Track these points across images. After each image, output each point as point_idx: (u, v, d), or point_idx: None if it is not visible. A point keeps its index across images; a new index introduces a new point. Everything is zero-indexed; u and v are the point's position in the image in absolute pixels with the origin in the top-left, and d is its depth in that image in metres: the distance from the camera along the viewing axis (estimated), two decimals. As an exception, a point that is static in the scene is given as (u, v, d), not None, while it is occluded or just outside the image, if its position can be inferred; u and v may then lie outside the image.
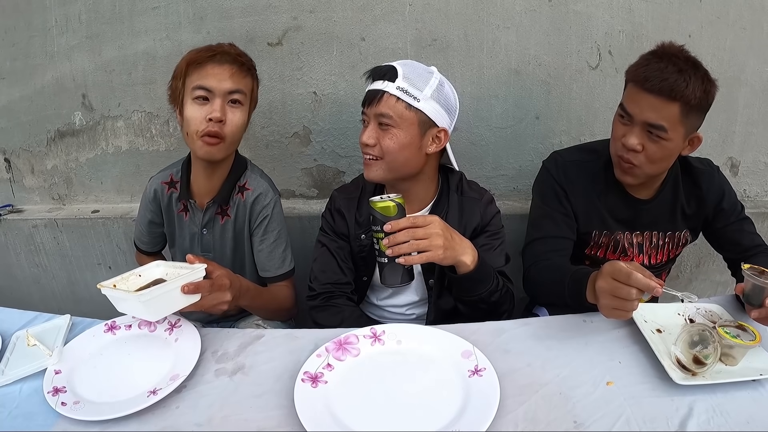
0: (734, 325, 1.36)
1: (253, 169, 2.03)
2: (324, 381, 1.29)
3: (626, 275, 1.27)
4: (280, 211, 2.03)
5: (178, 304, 1.43)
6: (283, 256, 2.01)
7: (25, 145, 2.83)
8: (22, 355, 1.45)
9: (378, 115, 1.69)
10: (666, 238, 1.97)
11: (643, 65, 1.67)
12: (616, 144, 1.77)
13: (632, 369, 1.30)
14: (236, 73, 1.79)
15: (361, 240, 1.89)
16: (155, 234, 2.16)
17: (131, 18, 2.51)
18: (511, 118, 2.52)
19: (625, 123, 1.73)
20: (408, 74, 1.70)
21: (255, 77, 1.91)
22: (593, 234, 1.95)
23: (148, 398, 1.25)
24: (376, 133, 1.72)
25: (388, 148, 1.71)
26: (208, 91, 1.76)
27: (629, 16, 2.35)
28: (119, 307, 1.45)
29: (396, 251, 1.47)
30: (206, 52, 1.78)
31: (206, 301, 1.49)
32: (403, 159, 1.74)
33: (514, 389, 1.24)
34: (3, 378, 1.37)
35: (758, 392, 1.22)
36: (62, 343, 1.49)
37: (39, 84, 2.69)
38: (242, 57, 1.83)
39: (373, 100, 1.70)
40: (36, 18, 2.59)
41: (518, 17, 2.37)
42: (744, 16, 2.35)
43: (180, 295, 1.42)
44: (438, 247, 1.48)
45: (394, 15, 2.39)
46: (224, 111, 1.78)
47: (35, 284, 3.04)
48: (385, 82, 1.69)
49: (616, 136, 1.76)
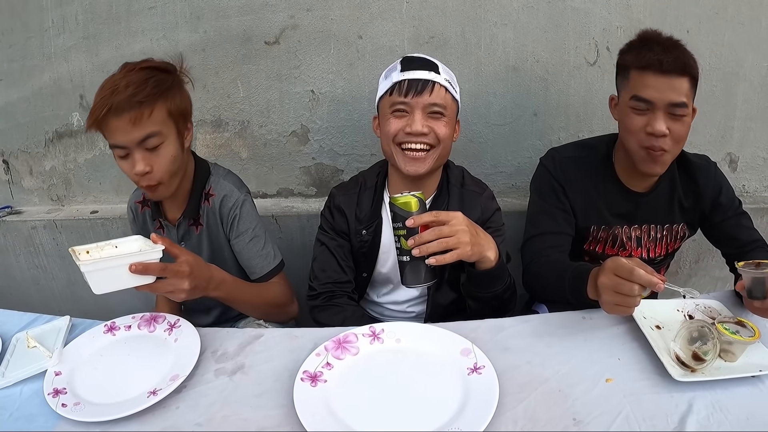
0: (733, 321, 1.36)
1: (217, 172, 1.96)
2: (323, 380, 1.29)
3: (628, 271, 1.26)
4: (251, 208, 1.95)
5: (126, 282, 1.38)
6: (264, 253, 1.94)
7: (24, 146, 2.83)
8: (22, 357, 1.45)
9: (430, 104, 1.69)
10: (664, 230, 1.97)
11: (644, 50, 1.68)
12: (638, 136, 1.73)
13: (632, 366, 1.31)
14: (138, 117, 1.61)
15: (362, 236, 1.88)
16: None
17: (128, 18, 2.51)
18: (509, 115, 2.52)
19: (643, 112, 1.70)
20: (446, 69, 1.77)
21: (169, 92, 1.71)
22: (591, 229, 1.96)
23: (148, 399, 1.25)
24: (427, 120, 1.71)
25: (443, 135, 1.72)
26: (122, 147, 1.66)
27: (627, 12, 2.34)
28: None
29: (424, 250, 1.43)
30: (101, 106, 1.60)
31: (160, 286, 1.45)
32: (449, 148, 1.79)
33: (513, 387, 1.24)
34: (3, 380, 1.37)
35: (758, 388, 1.22)
36: (62, 344, 1.49)
37: (36, 85, 2.69)
38: (139, 92, 1.62)
39: (423, 90, 1.69)
40: (33, 19, 2.59)
41: (516, 14, 2.36)
42: (742, 12, 2.35)
43: (128, 273, 1.37)
44: (466, 243, 1.45)
45: (391, 12, 2.38)
46: (147, 160, 1.67)
47: (35, 285, 3.04)
48: (431, 72, 1.70)
49: (636, 129, 1.73)
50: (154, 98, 1.64)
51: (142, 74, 1.66)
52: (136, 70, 1.68)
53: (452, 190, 1.86)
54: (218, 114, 2.62)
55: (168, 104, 1.69)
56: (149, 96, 1.63)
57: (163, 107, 1.68)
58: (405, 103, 1.70)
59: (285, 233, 2.64)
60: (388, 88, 1.74)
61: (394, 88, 1.72)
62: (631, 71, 1.72)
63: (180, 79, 1.80)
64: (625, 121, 1.78)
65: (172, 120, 1.72)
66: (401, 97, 1.70)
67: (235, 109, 2.60)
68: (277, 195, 2.77)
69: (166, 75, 1.73)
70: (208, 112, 2.61)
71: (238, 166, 2.65)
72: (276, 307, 1.92)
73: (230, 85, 2.56)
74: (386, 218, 1.88)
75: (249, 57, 2.50)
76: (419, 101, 1.69)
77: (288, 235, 2.63)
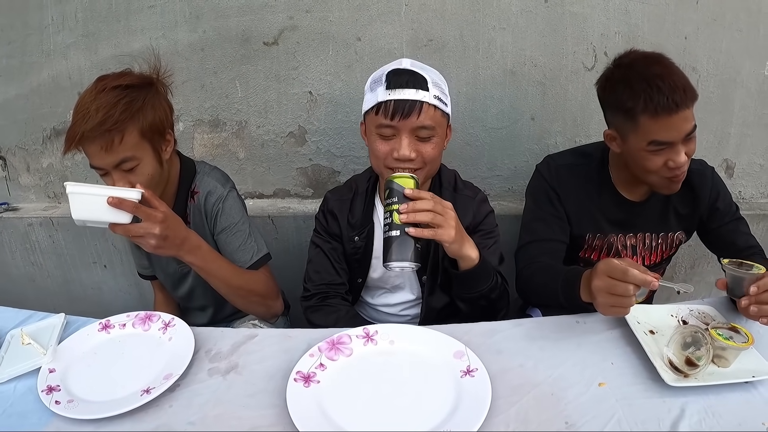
0: (727, 327, 1.36)
1: (203, 170, 1.96)
2: (316, 381, 1.29)
3: (622, 272, 1.26)
4: (234, 203, 1.93)
5: (103, 215, 1.47)
6: (246, 247, 1.91)
7: (21, 143, 2.83)
8: (16, 354, 1.46)
9: (418, 127, 1.62)
10: (659, 239, 1.97)
11: (653, 93, 1.59)
12: (660, 173, 1.70)
13: (625, 370, 1.31)
14: (109, 144, 1.61)
15: (355, 242, 1.88)
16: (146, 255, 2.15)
17: (127, 16, 2.51)
18: (506, 119, 2.53)
19: (662, 151, 1.66)
20: (434, 79, 1.66)
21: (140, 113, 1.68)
22: (587, 237, 1.96)
23: (141, 397, 1.26)
24: (414, 145, 1.64)
25: (431, 156, 1.67)
26: (100, 168, 1.69)
27: (625, 18, 2.35)
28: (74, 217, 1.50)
29: (412, 218, 1.41)
30: (73, 134, 1.62)
31: (132, 227, 1.51)
32: (439, 162, 1.76)
33: (506, 390, 1.24)
34: None
35: (750, 394, 1.22)
36: (56, 341, 1.49)
37: (35, 82, 2.70)
38: (108, 119, 1.60)
39: (410, 113, 1.59)
40: (32, 16, 2.59)
41: (514, 18, 2.37)
42: (740, 19, 2.36)
43: (106, 207, 1.46)
44: (451, 227, 1.46)
45: (390, 15, 2.39)
46: (125, 180, 1.68)
47: (30, 283, 3.04)
48: (419, 91, 1.60)
49: (656, 168, 1.69)
50: (123, 123, 1.62)
51: (113, 96, 1.64)
52: (107, 90, 1.65)
53: (444, 194, 1.83)
54: (216, 114, 2.62)
55: (140, 125, 1.67)
56: (118, 122, 1.61)
57: (134, 130, 1.66)
58: (391, 126, 1.62)
59: (281, 234, 2.64)
60: (373, 106, 1.65)
61: (380, 108, 1.63)
62: (640, 117, 1.63)
63: (156, 91, 1.77)
64: (642, 163, 1.71)
65: (146, 140, 1.70)
66: (387, 119, 1.61)
67: (233, 109, 2.61)
68: (274, 195, 2.77)
69: (138, 92, 1.69)
70: (206, 112, 2.61)
71: (235, 166, 2.66)
72: (257, 296, 1.88)
73: (228, 85, 2.56)
74: (378, 223, 1.87)
75: (248, 57, 2.51)
76: (406, 124, 1.61)
77: (284, 235, 2.63)
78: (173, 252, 1.63)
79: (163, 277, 2.14)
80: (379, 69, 1.73)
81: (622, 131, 1.74)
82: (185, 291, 2.10)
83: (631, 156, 1.75)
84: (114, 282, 2.97)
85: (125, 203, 1.47)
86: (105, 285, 2.98)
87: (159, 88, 1.79)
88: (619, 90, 1.69)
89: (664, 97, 1.57)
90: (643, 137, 1.66)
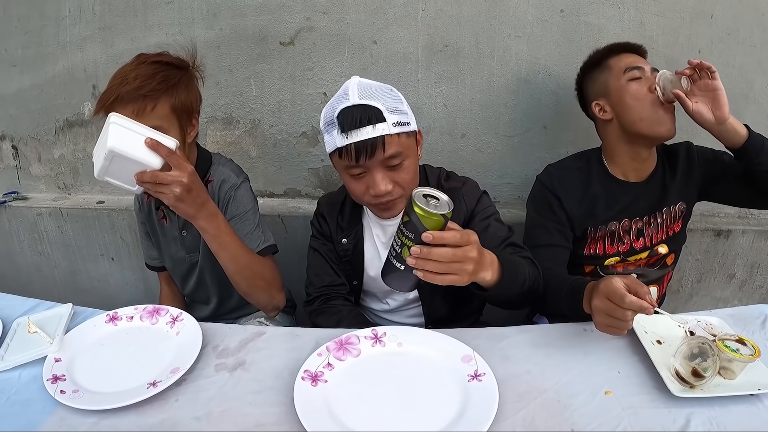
0: (734, 339, 1.35)
1: (218, 161, 1.99)
2: (324, 380, 1.29)
3: (620, 298, 1.25)
4: (246, 193, 1.95)
5: (137, 152, 1.50)
6: (253, 236, 1.90)
7: (33, 133, 2.85)
8: (22, 342, 1.47)
9: (386, 159, 1.55)
10: (663, 215, 1.99)
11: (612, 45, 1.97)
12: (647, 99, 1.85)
13: (631, 379, 1.30)
14: (141, 110, 1.68)
15: (343, 244, 1.86)
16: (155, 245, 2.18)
17: (145, 11, 2.53)
18: (518, 127, 2.53)
19: (639, 79, 1.87)
20: (388, 104, 1.55)
21: (175, 89, 1.76)
22: (588, 230, 1.98)
23: (147, 390, 1.26)
24: (388, 176, 1.58)
25: (407, 180, 1.61)
26: None
27: (640, 30, 2.35)
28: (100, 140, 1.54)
29: (422, 265, 1.23)
30: (108, 95, 1.67)
31: (161, 174, 1.53)
32: (417, 179, 1.69)
33: (512, 395, 1.24)
34: (2, 363, 1.39)
35: (756, 407, 1.22)
36: (63, 331, 1.50)
37: (50, 73, 2.72)
38: (145, 86, 1.68)
39: (374, 151, 1.52)
40: (49, 7, 2.61)
41: (530, 27, 2.37)
42: (754, 34, 2.36)
43: (142, 147, 1.50)
44: (466, 273, 1.26)
45: (406, 19, 2.39)
46: None
47: (37, 272, 3.06)
48: (377, 125, 1.51)
49: (642, 95, 1.85)
50: (158, 93, 1.70)
51: (152, 68, 1.72)
52: (147, 63, 1.73)
53: None
54: (230, 111, 2.63)
55: (172, 100, 1.74)
56: (154, 91, 1.68)
57: (167, 103, 1.73)
58: (360, 166, 1.57)
59: (290, 233, 2.65)
60: (335, 150, 1.58)
61: (342, 152, 1.55)
62: (610, 61, 1.94)
63: (191, 75, 1.85)
64: (631, 102, 1.87)
65: (175, 116, 1.76)
66: (352, 161, 1.55)
67: (247, 107, 2.62)
68: (284, 195, 2.78)
69: (175, 71, 1.78)
70: (220, 109, 2.62)
71: (247, 165, 2.66)
72: (262, 280, 1.86)
73: (243, 83, 2.58)
74: (367, 225, 1.87)
75: (263, 56, 2.52)
76: (374, 162, 1.54)
77: (293, 235, 2.64)
78: (192, 210, 1.63)
79: (170, 264, 2.14)
80: (327, 105, 1.62)
81: (604, 89, 1.94)
82: (192, 280, 2.11)
83: (622, 100, 1.89)
84: (121, 275, 2.98)
85: (161, 147, 1.52)
86: (111, 277, 3.00)
87: (193, 74, 1.87)
88: (589, 64, 2.04)
89: (621, 44, 1.96)
90: (618, 72, 1.90)
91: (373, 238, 1.85)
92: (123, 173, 1.55)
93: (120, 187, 1.61)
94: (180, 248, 2.03)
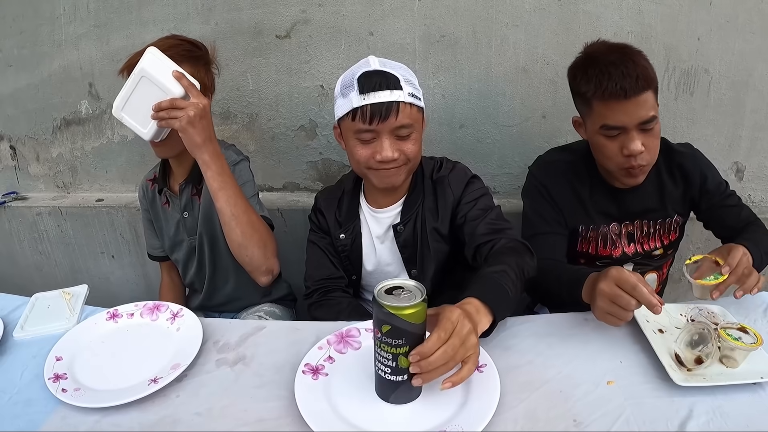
0: (736, 327, 1.35)
1: (221, 144, 1.95)
2: (325, 373, 1.29)
3: (631, 286, 1.25)
4: (245, 169, 2.00)
5: (163, 77, 1.67)
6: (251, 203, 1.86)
7: (31, 132, 2.85)
8: (40, 316, 1.58)
9: (397, 127, 1.60)
10: (657, 225, 1.96)
11: (602, 79, 1.65)
12: (615, 160, 1.73)
13: (633, 369, 1.30)
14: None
15: (341, 240, 1.88)
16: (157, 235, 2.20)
17: (139, 8, 2.53)
18: (517, 117, 2.52)
19: (615, 137, 1.71)
20: (406, 76, 1.63)
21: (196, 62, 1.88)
22: (580, 229, 1.96)
23: (148, 386, 1.26)
24: (395, 144, 1.63)
25: (413, 152, 1.66)
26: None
27: (638, 17, 2.34)
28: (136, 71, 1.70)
29: (427, 379, 1.12)
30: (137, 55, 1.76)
31: (180, 101, 1.67)
32: (420, 156, 1.73)
33: (514, 386, 1.24)
34: (22, 332, 1.49)
35: (758, 395, 1.21)
36: (81, 308, 1.62)
37: (46, 72, 2.71)
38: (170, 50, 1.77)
39: (388, 115, 1.57)
40: (44, 6, 2.61)
41: (527, 16, 2.36)
42: (754, 21, 2.34)
43: (169, 77, 1.67)
44: (474, 363, 1.16)
45: (402, 10, 2.38)
46: None
47: (38, 271, 3.06)
48: (394, 91, 1.58)
49: (612, 154, 1.73)
50: (182, 58, 1.78)
51: (178, 41, 1.86)
52: (174, 38, 1.88)
53: (426, 183, 1.81)
54: (227, 106, 2.63)
55: (192, 70, 1.80)
56: (177, 55, 1.77)
57: (188, 70, 1.76)
58: (371, 131, 1.61)
59: (290, 227, 2.65)
60: (349, 112, 1.62)
61: (356, 113, 1.60)
62: (593, 102, 1.71)
63: (209, 60, 1.95)
64: (598, 147, 1.78)
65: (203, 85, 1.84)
66: (365, 124, 1.59)
67: (244, 101, 2.61)
68: (284, 189, 2.78)
69: (198, 50, 1.91)
70: (217, 104, 2.61)
71: (245, 159, 2.65)
72: (258, 233, 1.82)
73: (240, 77, 2.57)
74: (363, 219, 1.88)
75: (259, 50, 2.51)
76: (385, 126, 1.59)
77: (293, 228, 2.63)
78: (200, 138, 1.70)
79: (172, 250, 2.16)
80: (347, 71, 1.68)
81: (582, 116, 1.84)
82: (194, 266, 2.13)
83: (591, 141, 1.82)
84: (121, 272, 2.98)
85: (184, 78, 1.67)
86: (112, 275, 3.00)
87: (211, 60, 1.97)
88: (578, 76, 1.77)
89: (613, 83, 1.63)
90: (597, 121, 1.72)
91: (369, 233, 1.87)
92: (141, 109, 1.71)
93: (131, 127, 1.76)
94: (181, 230, 2.06)
